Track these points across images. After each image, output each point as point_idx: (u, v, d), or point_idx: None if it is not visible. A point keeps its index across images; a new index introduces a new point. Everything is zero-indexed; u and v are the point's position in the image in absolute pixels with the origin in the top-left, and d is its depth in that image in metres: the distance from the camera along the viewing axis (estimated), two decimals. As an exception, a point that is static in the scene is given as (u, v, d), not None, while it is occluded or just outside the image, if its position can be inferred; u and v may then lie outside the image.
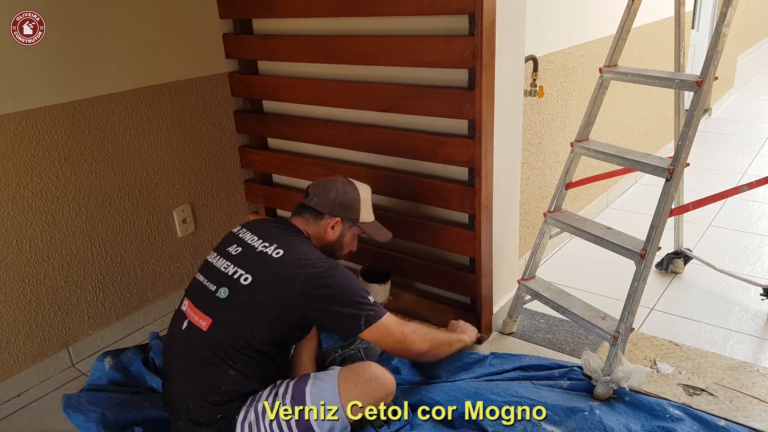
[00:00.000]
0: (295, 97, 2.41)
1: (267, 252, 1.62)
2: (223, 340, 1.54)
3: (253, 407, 1.54)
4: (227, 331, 1.54)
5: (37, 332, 2.13)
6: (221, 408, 1.54)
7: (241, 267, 1.61)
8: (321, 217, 1.77)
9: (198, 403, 1.54)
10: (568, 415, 1.72)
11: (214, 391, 1.53)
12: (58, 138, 2.07)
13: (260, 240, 1.66)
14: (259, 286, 1.56)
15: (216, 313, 1.56)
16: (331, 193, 1.78)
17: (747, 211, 3.22)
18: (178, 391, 1.59)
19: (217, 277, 1.62)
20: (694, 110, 1.72)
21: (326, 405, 1.53)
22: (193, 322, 1.59)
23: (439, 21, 1.92)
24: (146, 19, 2.23)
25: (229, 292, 1.57)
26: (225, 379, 1.53)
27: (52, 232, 2.11)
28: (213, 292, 1.59)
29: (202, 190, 2.57)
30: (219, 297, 1.57)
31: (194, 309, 1.61)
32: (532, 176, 2.60)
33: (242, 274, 1.59)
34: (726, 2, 1.71)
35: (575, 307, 1.97)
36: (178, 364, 1.60)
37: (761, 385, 1.88)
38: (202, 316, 1.58)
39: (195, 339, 1.57)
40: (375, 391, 1.58)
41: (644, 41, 3.37)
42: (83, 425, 1.68)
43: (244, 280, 1.57)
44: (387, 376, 1.62)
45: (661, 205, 1.77)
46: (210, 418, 1.53)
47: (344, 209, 1.79)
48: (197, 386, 1.54)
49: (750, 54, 7.90)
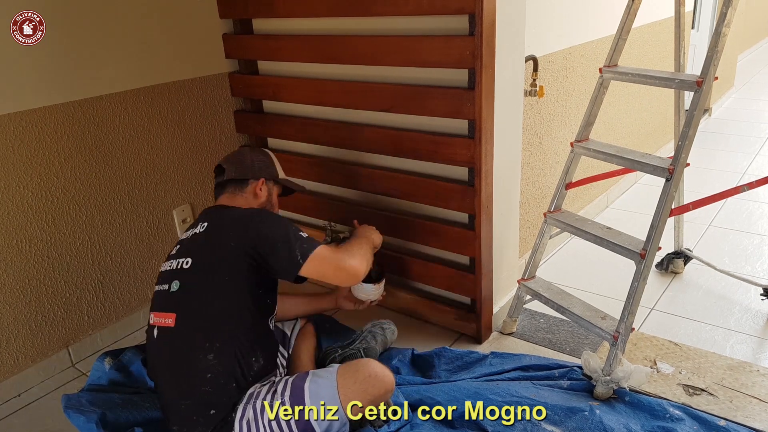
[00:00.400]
0: (295, 97, 2.41)
1: (196, 232, 1.66)
2: (192, 327, 1.55)
3: (251, 405, 1.54)
4: (193, 315, 1.55)
5: (37, 332, 2.13)
6: (214, 399, 1.53)
7: (181, 256, 1.63)
8: (246, 184, 1.80)
9: (191, 401, 1.54)
10: (568, 415, 1.72)
11: (200, 383, 1.53)
12: (58, 138, 2.07)
13: (191, 229, 1.70)
14: (200, 261, 1.59)
15: (176, 305, 1.58)
16: (246, 160, 1.82)
17: (747, 211, 3.22)
18: (169, 398, 1.59)
19: (167, 278, 1.64)
20: (694, 110, 1.72)
21: (325, 403, 1.53)
22: (161, 325, 1.59)
23: (439, 21, 1.92)
24: (146, 19, 2.23)
25: (180, 282, 1.59)
26: (206, 365, 1.53)
27: (52, 232, 2.11)
28: (167, 290, 1.61)
29: (202, 190, 2.57)
30: (173, 291, 1.59)
31: (157, 314, 1.62)
32: (532, 176, 2.60)
33: (183, 261, 1.61)
34: (726, 2, 1.71)
35: (575, 307, 1.97)
36: (163, 373, 1.61)
37: (761, 385, 1.88)
38: (165, 316, 1.59)
39: (167, 340, 1.58)
40: (374, 388, 1.58)
41: (644, 41, 3.37)
42: (84, 426, 1.68)
43: (186, 265, 1.60)
44: (386, 373, 1.62)
45: (661, 205, 1.77)
46: (204, 415, 1.53)
47: (263, 169, 1.84)
48: (184, 384, 1.55)
49: (750, 54, 7.90)
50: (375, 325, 2.09)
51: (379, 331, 2.07)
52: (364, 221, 2.36)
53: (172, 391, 1.57)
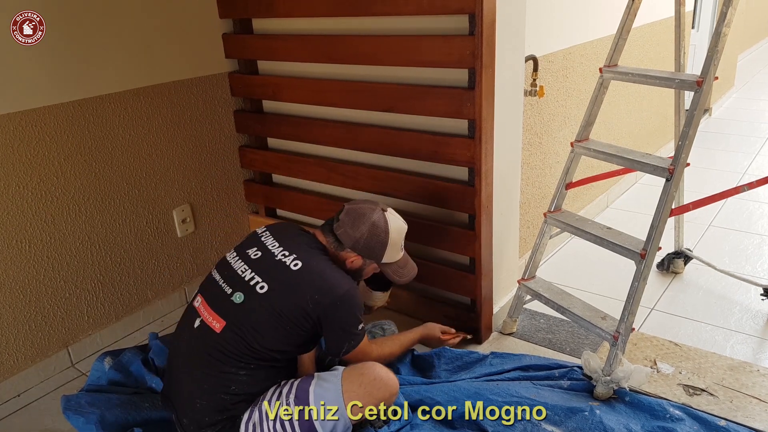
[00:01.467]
0: (295, 97, 2.41)
1: (285, 262, 1.60)
2: (236, 343, 1.53)
3: (258, 407, 1.54)
4: (240, 335, 1.53)
5: (37, 332, 2.13)
6: (228, 408, 1.54)
7: (258, 274, 1.59)
8: (342, 248, 1.71)
9: (206, 402, 1.54)
10: (568, 415, 1.72)
11: (222, 391, 1.53)
12: (58, 138, 2.07)
13: (281, 247, 1.64)
14: (274, 298, 1.55)
15: (230, 316, 1.56)
16: (358, 230, 1.69)
17: (747, 211, 3.22)
18: (185, 388, 1.58)
19: (234, 280, 1.61)
20: (694, 110, 1.72)
21: (327, 405, 1.53)
22: (206, 321, 1.58)
23: (439, 21, 1.92)
24: (146, 19, 2.23)
25: (245, 298, 1.56)
26: (235, 380, 1.53)
27: (52, 232, 2.11)
28: (228, 295, 1.58)
29: (201, 190, 2.57)
30: (234, 301, 1.57)
31: (208, 309, 1.60)
32: (532, 176, 2.60)
33: (258, 282, 1.58)
34: (726, 2, 1.71)
35: (575, 308, 1.97)
36: (187, 361, 1.60)
37: (761, 385, 1.88)
38: (216, 318, 1.57)
39: (207, 339, 1.57)
40: (379, 391, 1.58)
41: (644, 41, 3.37)
42: (83, 427, 1.68)
43: (260, 289, 1.56)
44: (390, 377, 1.62)
45: (661, 205, 1.77)
46: (215, 417, 1.53)
47: (367, 250, 1.72)
48: (206, 385, 1.54)
49: (750, 54, 7.90)
50: (375, 325, 2.09)
51: (379, 332, 2.07)
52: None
53: (192, 386, 1.56)
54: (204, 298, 1.64)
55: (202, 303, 1.63)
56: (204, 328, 1.58)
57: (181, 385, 1.60)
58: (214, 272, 1.68)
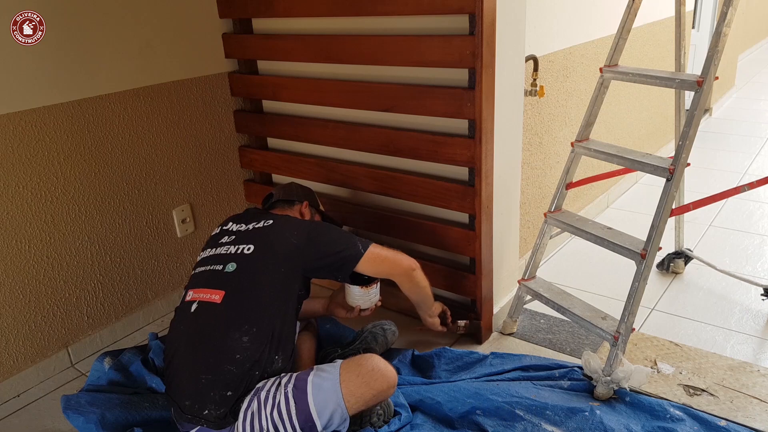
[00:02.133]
0: (294, 97, 2.40)
1: (259, 225, 1.77)
2: (238, 306, 1.61)
3: (257, 396, 1.55)
4: (241, 296, 1.62)
5: (37, 332, 2.13)
6: (234, 380, 1.54)
7: (241, 243, 1.73)
8: (292, 204, 1.99)
9: (211, 377, 1.54)
10: (568, 415, 1.72)
11: (228, 361, 1.55)
12: (58, 138, 2.07)
13: (249, 223, 1.80)
14: (262, 250, 1.70)
15: (228, 285, 1.65)
16: (291, 188, 2.06)
17: (747, 211, 3.22)
18: (190, 370, 1.58)
19: (221, 259, 1.71)
20: (694, 110, 1.72)
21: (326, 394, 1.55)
22: (205, 300, 1.65)
23: (439, 20, 1.91)
24: (146, 18, 2.22)
25: (237, 264, 1.68)
26: (239, 346, 1.57)
27: (52, 232, 2.11)
28: (220, 270, 1.68)
29: (201, 190, 2.57)
30: (228, 271, 1.67)
31: (203, 290, 1.67)
32: (533, 176, 2.60)
33: (245, 246, 1.71)
34: (726, 2, 1.71)
35: (576, 308, 1.97)
36: (188, 345, 1.61)
37: (762, 385, 1.87)
38: (213, 292, 1.65)
39: (207, 314, 1.62)
40: (377, 382, 1.59)
41: (645, 41, 3.37)
42: (83, 426, 1.68)
43: (248, 251, 1.70)
44: (389, 368, 1.63)
45: (661, 205, 1.77)
46: (220, 393, 1.53)
47: (306, 197, 2.04)
48: (211, 358, 1.56)
49: (750, 54, 7.90)
50: (375, 325, 2.09)
51: (379, 332, 2.07)
52: (364, 221, 2.36)
53: (196, 364, 1.57)
54: (195, 287, 1.70)
55: (194, 292, 1.68)
56: (203, 307, 1.64)
57: (183, 371, 1.60)
58: (197, 269, 1.76)
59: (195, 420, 1.54)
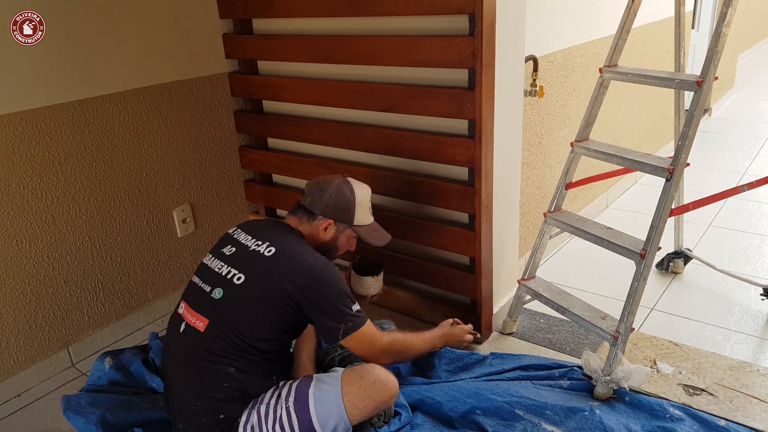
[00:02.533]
0: (295, 97, 2.41)
1: (259, 251, 1.61)
2: (221, 339, 1.53)
3: (256, 409, 1.54)
4: (224, 330, 1.54)
5: (37, 332, 2.13)
6: (224, 406, 1.53)
7: (234, 267, 1.60)
8: (314, 218, 1.75)
9: (201, 404, 1.53)
10: (568, 415, 1.72)
11: (216, 389, 1.53)
12: (58, 138, 2.07)
13: (253, 239, 1.66)
14: (252, 285, 1.56)
15: (212, 313, 1.56)
16: (325, 194, 1.75)
17: (747, 211, 3.22)
18: (180, 393, 1.58)
19: (212, 278, 1.62)
20: (694, 110, 1.72)
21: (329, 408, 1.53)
22: (190, 323, 1.59)
23: (439, 21, 1.92)
24: (146, 19, 2.23)
25: (224, 292, 1.57)
26: (226, 377, 1.53)
27: (52, 232, 2.11)
28: (208, 293, 1.59)
29: (202, 190, 2.57)
30: (214, 297, 1.58)
31: (190, 311, 1.61)
32: (532, 176, 2.60)
33: (235, 274, 1.59)
34: (726, 2, 1.71)
35: (575, 307, 1.97)
36: (178, 367, 1.60)
37: (761, 385, 1.88)
38: (198, 317, 1.58)
39: (193, 340, 1.57)
40: (379, 394, 1.58)
41: (644, 41, 3.37)
42: (84, 428, 1.68)
43: (237, 280, 1.57)
44: (390, 379, 1.62)
45: (661, 205, 1.77)
46: (212, 418, 1.53)
47: (337, 211, 1.75)
48: (198, 387, 1.54)
49: (750, 54, 7.90)
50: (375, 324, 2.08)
51: None
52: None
53: (185, 389, 1.57)
54: (186, 302, 1.64)
55: (185, 308, 1.63)
56: (189, 331, 1.58)
57: (175, 391, 1.60)
58: (194, 277, 1.69)
59: None
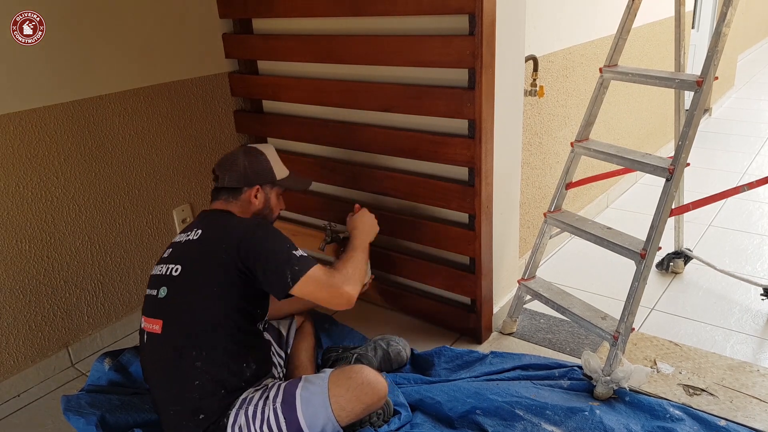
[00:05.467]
0: (295, 97, 2.40)
1: (190, 238, 1.62)
2: (179, 335, 1.53)
3: (243, 410, 1.53)
4: (179, 324, 1.54)
5: (37, 332, 2.13)
6: (203, 404, 1.52)
7: (171, 263, 1.61)
8: (239, 192, 1.73)
9: (179, 407, 1.53)
10: (568, 415, 1.72)
11: (189, 389, 1.52)
12: (58, 138, 2.07)
13: (185, 233, 1.67)
14: (189, 271, 1.56)
15: (162, 312, 1.57)
16: (238, 167, 1.73)
17: (747, 211, 3.22)
18: (160, 401, 1.59)
19: (156, 282, 1.62)
20: (694, 110, 1.72)
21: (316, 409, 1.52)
22: (150, 331, 1.58)
23: (439, 21, 1.92)
24: (146, 18, 2.23)
25: (167, 289, 1.57)
26: (194, 373, 1.51)
27: (52, 232, 2.11)
28: (155, 296, 1.59)
29: (202, 190, 2.57)
30: (160, 298, 1.57)
31: (147, 319, 1.60)
32: (532, 176, 2.60)
33: (172, 268, 1.59)
34: (726, 2, 1.71)
35: (575, 307, 1.97)
36: (153, 376, 1.61)
37: (761, 385, 1.88)
38: (153, 322, 1.57)
39: (156, 346, 1.57)
40: (367, 396, 1.56)
41: (644, 41, 3.37)
42: (83, 428, 1.68)
43: (175, 272, 1.57)
44: (379, 380, 1.60)
45: (661, 205, 1.77)
46: (193, 419, 1.52)
47: (258, 175, 1.74)
48: (173, 389, 1.54)
49: (750, 54, 7.90)
50: (383, 338, 2.06)
51: (383, 345, 2.03)
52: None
53: (163, 394, 1.57)
54: (144, 315, 1.64)
55: (143, 320, 1.63)
56: (151, 339, 1.58)
57: (157, 401, 1.61)
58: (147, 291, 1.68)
59: None
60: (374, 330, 2.19)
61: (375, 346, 2.02)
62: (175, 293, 1.56)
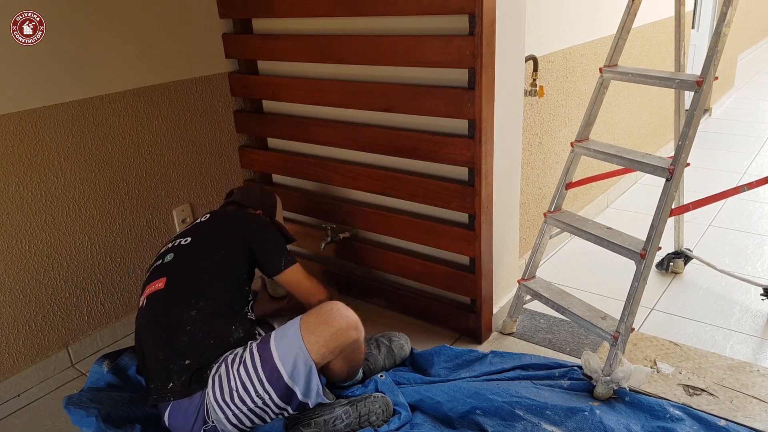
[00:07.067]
0: (295, 97, 2.40)
1: (198, 221, 1.86)
2: (180, 285, 1.67)
3: (224, 358, 1.59)
4: (182, 276, 1.69)
5: (37, 332, 2.13)
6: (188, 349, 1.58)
7: (180, 237, 1.80)
8: (245, 209, 1.97)
9: (166, 352, 1.59)
10: (568, 415, 1.72)
11: (179, 333, 1.60)
12: (59, 138, 2.07)
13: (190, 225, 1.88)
14: (199, 239, 1.77)
15: (168, 271, 1.71)
16: (254, 194, 2.04)
17: (747, 211, 3.22)
18: (150, 354, 1.64)
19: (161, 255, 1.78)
20: (694, 110, 1.72)
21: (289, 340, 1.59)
22: (151, 292, 1.69)
23: (439, 21, 1.92)
24: (146, 18, 2.23)
25: (174, 254, 1.75)
26: (188, 319, 1.62)
27: (52, 232, 2.11)
28: (160, 263, 1.74)
29: (202, 190, 2.57)
30: (166, 261, 1.74)
31: (149, 286, 1.72)
32: (532, 176, 2.60)
33: (182, 239, 1.78)
34: (726, 2, 1.71)
35: (575, 307, 1.97)
36: (146, 334, 1.67)
37: (761, 385, 1.88)
38: (156, 282, 1.70)
39: (156, 302, 1.68)
40: (335, 320, 1.63)
41: (644, 41, 3.37)
42: (83, 420, 1.67)
43: (185, 242, 1.77)
44: (348, 310, 1.69)
45: (661, 205, 1.77)
46: (177, 363, 1.57)
47: (265, 206, 2.03)
48: (164, 334, 1.62)
49: (750, 54, 7.90)
50: (384, 335, 2.07)
51: (385, 341, 2.04)
52: (364, 221, 2.36)
53: (152, 346, 1.63)
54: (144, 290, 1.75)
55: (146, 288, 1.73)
56: (151, 299, 1.69)
57: (146, 358, 1.66)
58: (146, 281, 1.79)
59: (163, 396, 1.57)
60: (374, 330, 2.19)
61: (378, 343, 2.03)
62: (182, 255, 1.74)
